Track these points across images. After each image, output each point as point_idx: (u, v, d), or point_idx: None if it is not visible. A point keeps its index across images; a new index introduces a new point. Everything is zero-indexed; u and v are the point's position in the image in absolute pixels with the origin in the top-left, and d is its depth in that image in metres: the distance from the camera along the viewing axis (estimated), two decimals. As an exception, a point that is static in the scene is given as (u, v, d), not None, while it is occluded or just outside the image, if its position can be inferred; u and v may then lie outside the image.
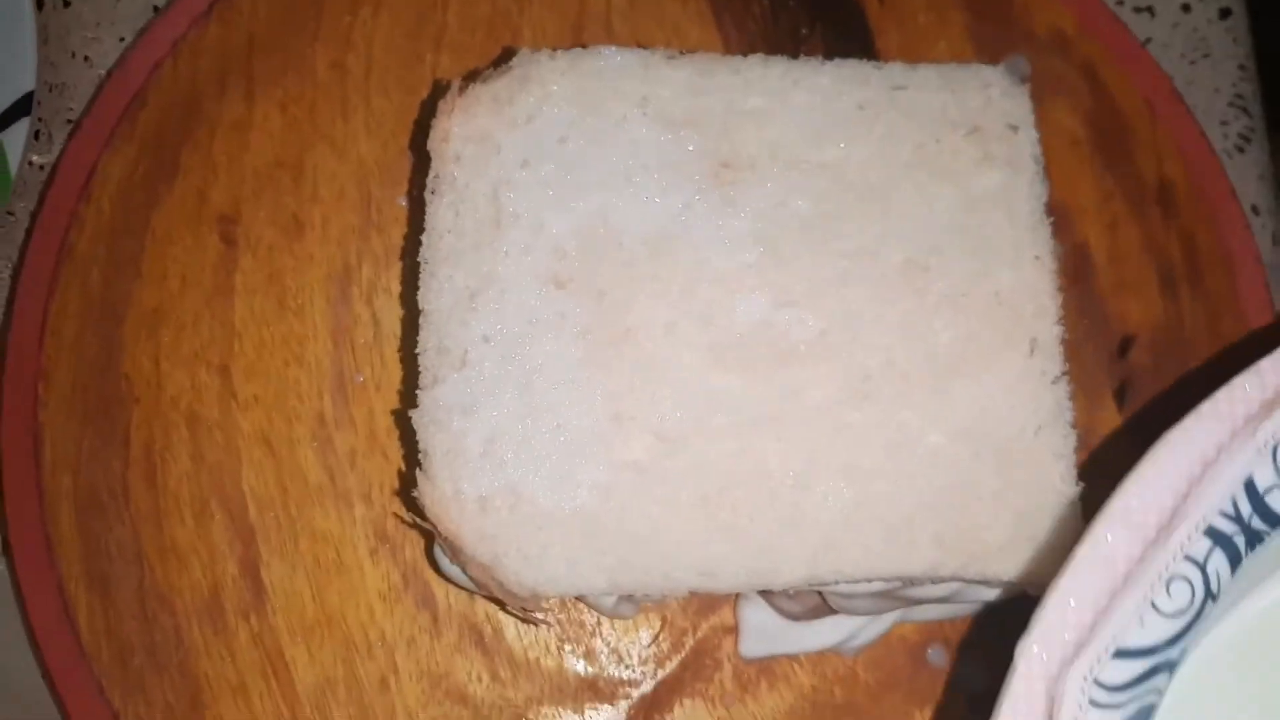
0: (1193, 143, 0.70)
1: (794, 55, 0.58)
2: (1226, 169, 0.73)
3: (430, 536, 0.54)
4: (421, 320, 0.54)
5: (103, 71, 0.71)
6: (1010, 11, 0.71)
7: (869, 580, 0.53)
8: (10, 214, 0.68)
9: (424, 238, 0.54)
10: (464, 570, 0.53)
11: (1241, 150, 0.75)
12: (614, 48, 0.57)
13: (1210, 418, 0.42)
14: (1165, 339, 0.67)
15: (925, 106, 0.57)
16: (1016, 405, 0.53)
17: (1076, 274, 0.67)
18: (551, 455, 0.52)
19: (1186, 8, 0.77)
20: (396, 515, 0.61)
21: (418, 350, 0.53)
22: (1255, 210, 0.74)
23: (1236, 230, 0.69)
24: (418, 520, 0.52)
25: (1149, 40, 0.76)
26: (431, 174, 0.55)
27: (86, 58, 0.71)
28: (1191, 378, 0.66)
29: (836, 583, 0.53)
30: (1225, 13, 0.77)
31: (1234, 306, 0.67)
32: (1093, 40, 0.71)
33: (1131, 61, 0.71)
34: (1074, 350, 0.65)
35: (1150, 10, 0.77)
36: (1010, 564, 0.52)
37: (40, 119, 0.70)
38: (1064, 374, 0.54)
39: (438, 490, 0.52)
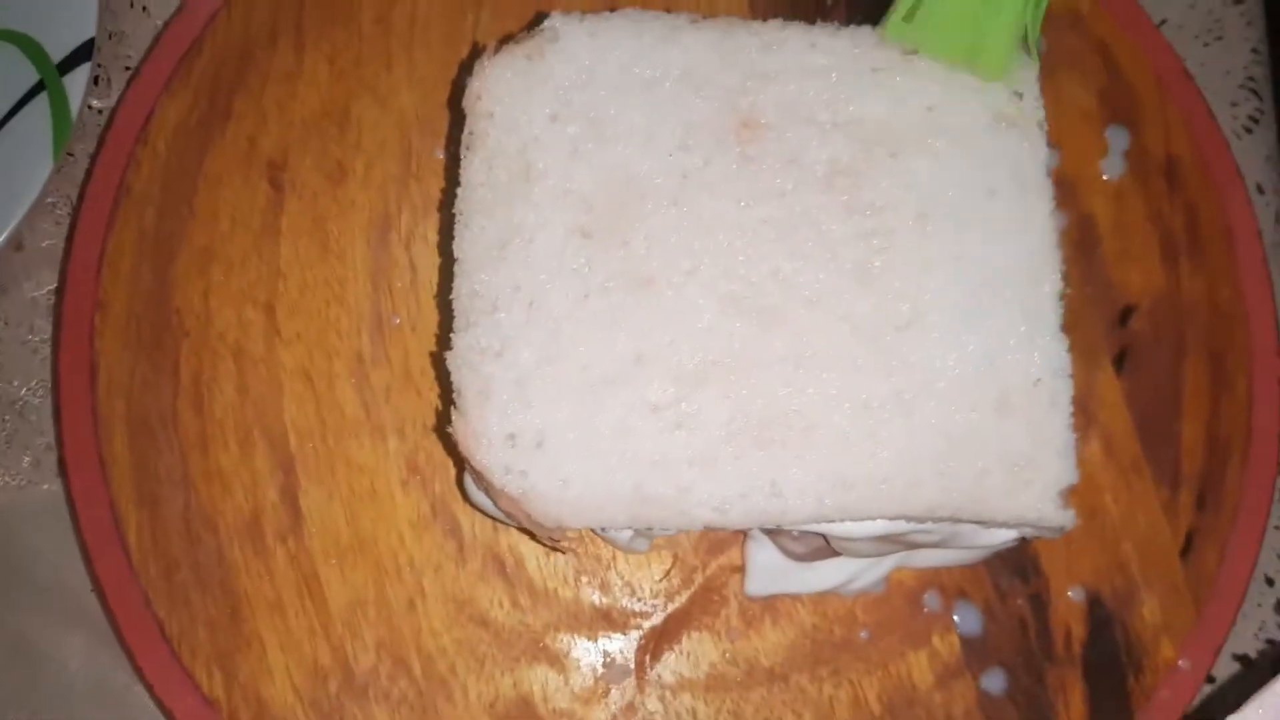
0: (1200, 120, 0.73)
1: (815, 22, 0.61)
2: (1234, 149, 0.75)
3: (462, 468, 0.58)
4: (456, 268, 0.57)
5: (159, 21, 0.74)
6: (1029, -11, 0.73)
7: (872, 519, 0.56)
8: (70, 155, 0.72)
9: (459, 190, 0.57)
10: (494, 502, 0.56)
11: (1250, 131, 0.77)
12: (640, 10, 0.60)
13: None
14: (1164, 308, 0.70)
15: (936, 71, 0.60)
16: (1017, 356, 0.56)
17: (1082, 243, 0.70)
18: (576, 396, 0.55)
19: (1202, -10, 0.79)
20: (444, 448, 0.64)
21: (452, 296, 0.57)
22: (1260, 189, 0.76)
23: (1238, 205, 0.71)
24: (450, 454, 0.56)
25: (1164, 21, 0.78)
26: (466, 131, 0.58)
27: (145, 8, 0.75)
28: (1187, 344, 0.69)
29: (842, 520, 0.56)
30: (1240, -4, 0.80)
31: (1232, 278, 0.70)
32: (1107, 19, 0.73)
33: (1144, 40, 0.73)
34: (1077, 316, 0.68)
35: (1167, -9, 0.79)
36: (1005, 508, 0.55)
37: (100, 65, 0.73)
38: (1062, 328, 0.57)
39: (470, 427, 0.55)
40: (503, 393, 0.55)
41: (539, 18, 0.60)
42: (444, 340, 0.58)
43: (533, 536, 0.58)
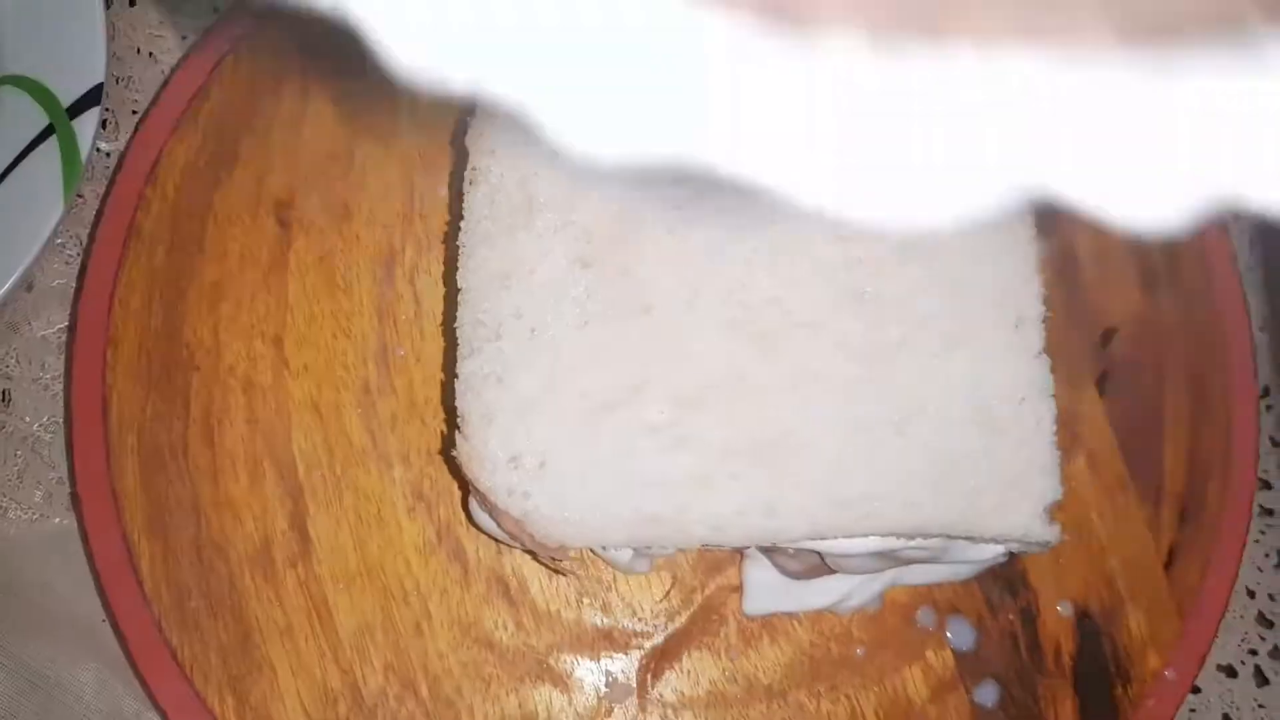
0: (1174, 151, 0.75)
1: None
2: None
3: (466, 491, 0.60)
4: (460, 297, 0.59)
5: (165, 67, 0.76)
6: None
7: (867, 536, 0.58)
8: (80, 197, 0.74)
9: (462, 223, 0.60)
10: (497, 523, 0.58)
11: (1222, 160, 0.80)
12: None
13: None
14: (1144, 333, 0.72)
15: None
16: (1003, 378, 0.59)
17: (1063, 270, 0.72)
18: (576, 419, 0.57)
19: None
20: (449, 472, 0.66)
21: (456, 325, 0.59)
22: (1235, 216, 0.79)
23: (1213, 233, 0.74)
24: (455, 478, 0.58)
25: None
26: (469, 166, 0.60)
27: (151, 54, 0.77)
28: (1167, 366, 0.71)
29: (837, 538, 0.58)
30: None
31: (1209, 301, 0.73)
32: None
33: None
34: (1060, 340, 0.70)
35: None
36: (995, 524, 0.57)
37: (108, 109, 0.75)
38: (1044, 350, 0.59)
39: (474, 450, 0.57)
40: (505, 417, 0.57)
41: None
42: (448, 369, 0.60)
43: (535, 557, 0.60)
